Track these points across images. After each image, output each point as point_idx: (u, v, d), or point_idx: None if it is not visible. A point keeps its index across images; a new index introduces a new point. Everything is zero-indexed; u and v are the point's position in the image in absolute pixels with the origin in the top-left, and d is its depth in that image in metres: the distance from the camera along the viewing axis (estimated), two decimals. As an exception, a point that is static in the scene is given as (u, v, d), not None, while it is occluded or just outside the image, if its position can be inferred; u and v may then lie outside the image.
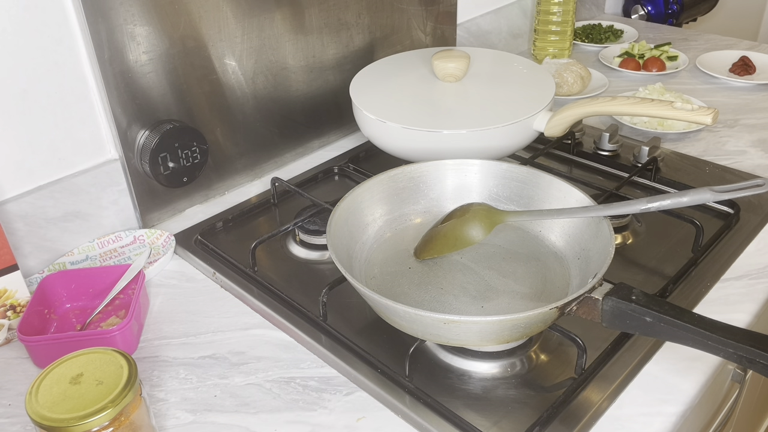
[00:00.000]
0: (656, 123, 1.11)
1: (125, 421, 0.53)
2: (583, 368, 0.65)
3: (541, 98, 0.93)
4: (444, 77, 0.98)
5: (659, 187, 0.95)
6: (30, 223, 0.80)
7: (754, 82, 1.27)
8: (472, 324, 0.59)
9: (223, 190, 0.98)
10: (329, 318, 0.72)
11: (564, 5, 1.34)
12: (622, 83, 1.31)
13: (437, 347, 0.69)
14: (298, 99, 1.03)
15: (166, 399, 0.66)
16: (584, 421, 0.61)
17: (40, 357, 0.70)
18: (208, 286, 0.81)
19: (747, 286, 0.76)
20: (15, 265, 0.72)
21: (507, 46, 1.45)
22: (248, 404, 0.65)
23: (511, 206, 0.79)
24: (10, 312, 0.74)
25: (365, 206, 0.77)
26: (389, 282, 0.72)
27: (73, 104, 0.81)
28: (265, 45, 0.95)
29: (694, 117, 0.80)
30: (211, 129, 0.93)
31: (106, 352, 0.56)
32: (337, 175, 1.02)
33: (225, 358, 0.70)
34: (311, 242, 0.85)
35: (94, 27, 0.77)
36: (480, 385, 0.65)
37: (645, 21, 1.70)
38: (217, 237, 0.89)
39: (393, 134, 0.91)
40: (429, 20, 1.18)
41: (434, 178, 0.81)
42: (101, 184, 0.85)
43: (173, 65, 0.86)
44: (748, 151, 1.05)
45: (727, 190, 0.68)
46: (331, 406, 0.64)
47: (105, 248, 0.86)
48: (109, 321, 0.76)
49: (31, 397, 0.52)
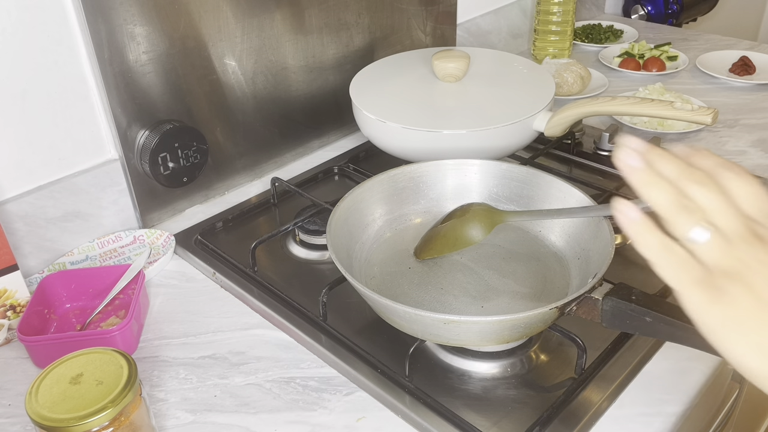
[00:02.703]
0: (656, 123, 1.11)
1: (125, 421, 0.53)
2: (583, 368, 0.65)
3: (541, 98, 0.93)
4: (444, 77, 0.98)
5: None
6: (30, 223, 0.80)
7: (754, 82, 1.27)
8: (472, 324, 0.59)
9: (223, 190, 0.98)
10: (329, 318, 0.72)
11: (564, 5, 1.34)
12: (622, 83, 1.31)
13: (437, 347, 0.69)
14: (298, 99, 1.03)
15: (166, 399, 0.66)
16: (584, 421, 0.61)
17: (40, 357, 0.70)
18: (208, 286, 0.81)
19: (747, 286, 0.76)
20: (15, 265, 0.72)
21: (507, 46, 1.45)
22: (248, 404, 0.65)
23: (511, 206, 0.79)
24: (10, 312, 0.74)
25: (365, 206, 0.77)
26: (389, 282, 0.72)
27: (73, 104, 0.81)
28: (265, 45, 0.95)
29: (694, 117, 0.80)
30: (211, 129, 0.93)
31: (106, 352, 0.56)
32: (337, 175, 1.02)
33: (225, 358, 0.70)
34: (311, 242, 0.85)
35: (94, 27, 0.77)
36: (480, 385, 0.65)
37: (645, 21, 1.70)
38: (217, 237, 0.89)
39: (393, 134, 0.91)
40: (429, 20, 1.18)
41: (434, 178, 0.81)
42: (101, 184, 0.85)
43: (173, 65, 0.86)
44: (748, 151, 1.05)
45: (727, 190, 0.68)
46: (331, 406, 0.64)
47: (105, 248, 0.86)
48: (109, 321, 0.76)
49: (31, 397, 0.52)
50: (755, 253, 0.38)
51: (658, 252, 0.41)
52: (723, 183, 0.41)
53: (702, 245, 0.39)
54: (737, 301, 0.38)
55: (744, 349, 0.38)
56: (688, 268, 0.40)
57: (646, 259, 0.42)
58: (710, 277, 0.39)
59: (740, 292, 0.38)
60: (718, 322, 0.39)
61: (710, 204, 0.40)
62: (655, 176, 0.41)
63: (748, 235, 0.39)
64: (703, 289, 0.39)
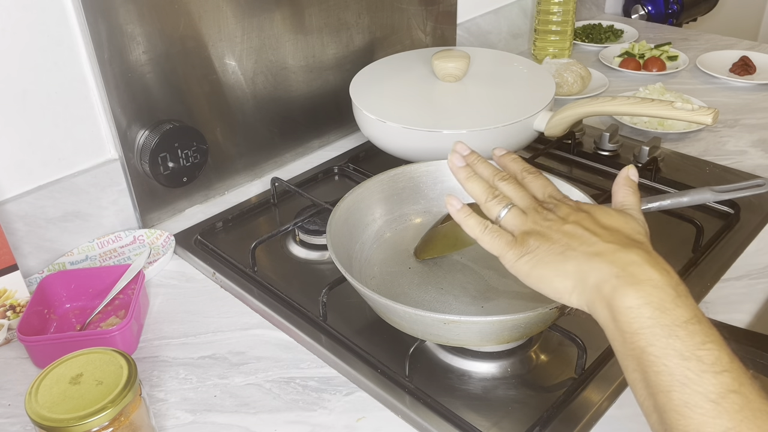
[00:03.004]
0: (656, 123, 1.11)
1: (125, 422, 0.53)
2: (584, 368, 0.65)
3: (541, 98, 0.93)
4: (444, 77, 0.98)
5: (659, 187, 0.95)
6: (30, 223, 0.80)
7: (754, 82, 1.27)
8: (472, 324, 0.59)
9: (223, 190, 0.98)
10: (329, 318, 0.72)
11: (564, 5, 1.34)
12: (622, 83, 1.31)
13: (437, 347, 0.69)
14: (298, 99, 1.03)
15: (166, 399, 0.66)
16: (584, 421, 0.61)
17: (40, 357, 0.70)
18: (208, 286, 0.81)
19: (747, 286, 0.76)
20: (15, 265, 0.72)
21: (507, 46, 1.45)
22: (248, 404, 0.65)
23: (511, 206, 0.79)
24: (10, 312, 0.74)
25: (365, 206, 0.77)
26: (389, 282, 0.72)
27: (73, 104, 0.81)
28: (265, 45, 0.95)
29: (694, 117, 0.80)
30: (211, 129, 0.93)
31: (106, 352, 0.56)
32: (337, 175, 1.02)
33: (225, 358, 0.70)
34: (311, 242, 0.85)
35: (94, 27, 0.77)
36: (480, 386, 0.65)
37: (645, 21, 1.70)
38: (217, 237, 0.89)
39: (393, 134, 0.91)
40: (429, 20, 1.18)
41: (434, 178, 0.81)
42: (101, 184, 0.85)
43: (173, 65, 0.85)
44: (748, 151, 1.05)
45: (728, 190, 0.68)
46: (331, 406, 0.64)
47: (105, 248, 0.86)
48: (108, 321, 0.76)
49: (31, 398, 0.52)
50: (543, 216, 0.53)
51: (478, 228, 0.55)
52: (522, 180, 0.59)
53: (506, 219, 0.54)
54: (538, 249, 0.51)
55: (551, 278, 0.50)
56: (500, 236, 0.53)
57: (472, 236, 0.55)
58: (516, 239, 0.53)
59: (537, 242, 0.51)
60: (529, 267, 0.51)
61: (511, 192, 0.56)
62: (472, 174, 0.58)
63: (538, 207, 0.55)
64: (513, 248, 0.52)
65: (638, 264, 0.47)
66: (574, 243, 0.50)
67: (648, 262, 0.47)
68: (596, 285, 0.47)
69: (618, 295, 0.46)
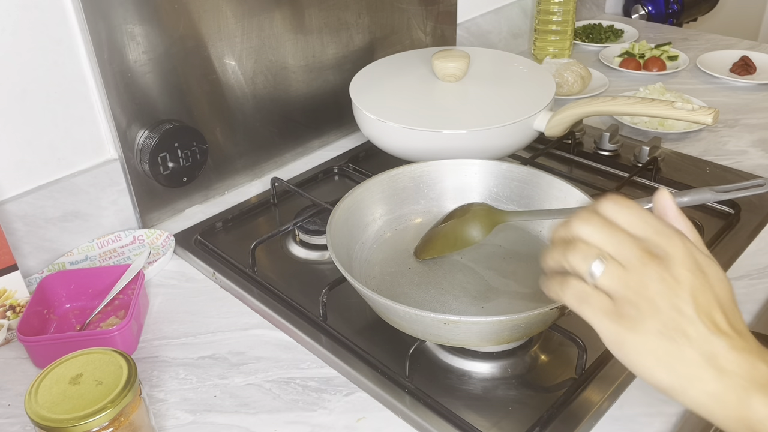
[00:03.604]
0: (657, 123, 1.11)
1: (125, 422, 0.53)
2: (584, 368, 0.65)
3: (542, 98, 0.93)
4: (444, 77, 0.98)
5: (660, 187, 0.94)
6: (29, 223, 0.80)
7: (754, 82, 1.27)
8: (472, 324, 0.59)
9: (223, 190, 0.98)
10: (329, 318, 0.72)
11: (564, 5, 1.33)
12: (622, 83, 1.31)
13: (437, 347, 0.69)
14: (298, 99, 1.02)
15: (166, 399, 0.66)
16: (585, 422, 0.61)
17: (40, 357, 0.69)
18: (208, 286, 0.81)
19: (747, 286, 0.76)
20: (14, 265, 0.72)
21: (507, 46, 1.45)
22: (248, 404, 0.65)
23: (511, 206, 0.79)
24: (10, 312, 0.74)
25: (365, 206, 0.77)
26: (389, 282, 0.72)
27: (73, 104, 0.81)
28: (265, 45, 0.95)
29: (694, 117, 0.80)
30: (211, 129, 0.93)
31: (106, 353, 0.56)
32: (337, 175, 1.02)
33: (225, 358, 0.70)
34: (311, 242, 0.85)
35: (94, 27, 0.77)
36: (480, 386, 0.65)
37: (645, 21, 1.69)
38: (217, 237, 0.89)
39: (393, 134, 0.91)
40: (429, 20, 1.18)
41: (434, 178, 0.81)
42: (101, 184, 0.85)
43: (173, 65, 0.85)
44: (748, 151, 1.05)
45: (728, 190, 0.68)
46: (331, 406, 0.64)
47: (104, 248, 0.86)
48: (108, 321, 0.76)
49: (31, 398, 0.52)
50: (653, 272, 0.40)
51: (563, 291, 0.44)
52: (606, 214, 0.43)
53: (601, 277, 0.41)
54: (644, 326, 0.40)
55: (652, 366, 0.40)
56: (595, 300, 0.41)
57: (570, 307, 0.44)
58: (616, 306, 0.41)
59: (645, 317, 0.40)
60: (631, 349, 0.41)
61: (599, 238, 0.42)
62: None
63: (643, 256, 0.41)
64: (613, 319, 0.41)
65: (753, 364, 0.40)
66: (688, 328, 0.40)
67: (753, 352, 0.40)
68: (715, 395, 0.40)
69: (750, 405, 0.39)
